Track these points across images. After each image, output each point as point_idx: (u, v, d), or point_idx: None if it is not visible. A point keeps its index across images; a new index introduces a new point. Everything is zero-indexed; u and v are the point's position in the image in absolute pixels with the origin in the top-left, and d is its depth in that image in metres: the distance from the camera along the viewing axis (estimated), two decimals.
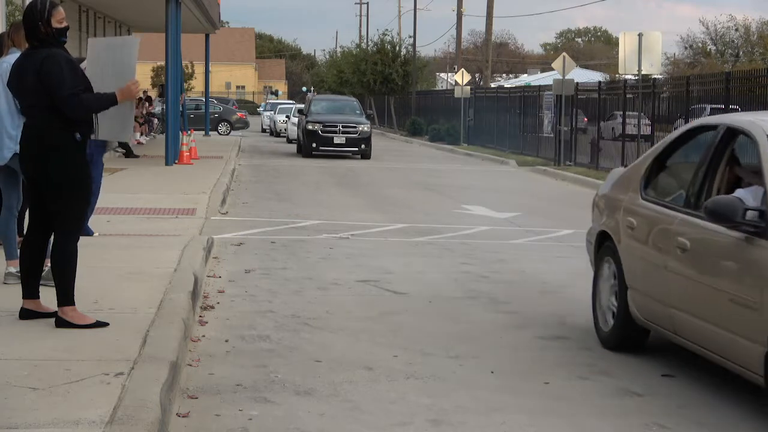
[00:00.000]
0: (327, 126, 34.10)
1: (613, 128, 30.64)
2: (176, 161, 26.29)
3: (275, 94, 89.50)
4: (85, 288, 8.13)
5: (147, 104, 38.98)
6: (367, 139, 34.43)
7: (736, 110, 22.88)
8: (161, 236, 12.72)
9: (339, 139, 34.01)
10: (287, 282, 10.63)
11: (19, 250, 7.98)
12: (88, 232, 11.60)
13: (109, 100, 7.32)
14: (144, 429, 5.11)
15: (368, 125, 34.96)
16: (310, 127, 34.30)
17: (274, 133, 52.15)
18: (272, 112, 55.04)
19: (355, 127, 34.34)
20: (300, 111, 37.56)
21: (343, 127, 34.16)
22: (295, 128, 43.17)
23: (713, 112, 24.90)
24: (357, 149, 34.35)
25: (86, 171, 7.38)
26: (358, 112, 36.47)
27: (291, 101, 68.55)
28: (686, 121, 24.33)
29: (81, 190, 7.33)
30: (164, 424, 5.51)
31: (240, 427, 5.83)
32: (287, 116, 47.31)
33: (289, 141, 44.22)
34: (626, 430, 6.06)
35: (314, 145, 34.08)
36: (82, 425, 5.12)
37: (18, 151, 7.64)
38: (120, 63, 7.61)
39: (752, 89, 22.63)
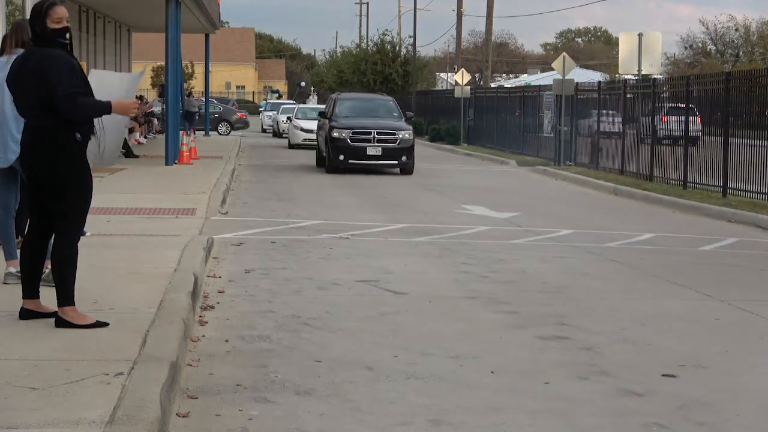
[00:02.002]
0: (358, 133, 26.93)
1: (589, 126, 31.66)
2: (176, 161, 26.30)
3: (276, 92, 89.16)
4: (85, 288, 8.13)
5: (144, 104, 38.99)
6: (409, 150, 27.11)
7: (735, 111, 22.90)
8: (161, 236, 12.72)
9: (373, 150, 26.79)
10: (287, 282, 10.62)
11: (19, 251, 7.98)
12: (82, 233, 11.59)
13: (104, 108, 7.29)
14: (144, 429, 5.11)
15: (410, 131, 27.50)
16: (335, 134, 26.99)
17: (277, 134, 51.16)
18: (275, 112, 54.34)
19: (393, 133, 27.00)
20: (321, 114, 30.09)
21: (378, 134, 26.91)
22: (298, 132, 40.15)
23: (671, 110, 25.47)
24: (396, 162, 27.02)
25: (86, 171, 7.38)
26: (395, 114, 29.13)
27: (291, 101, 68.38)
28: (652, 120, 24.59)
29: (81, 190, 7.32)
30: (164, 424, 5.51)
31: (240, 427, 5.83)
32: (288, 117, 44.49)
33: (291, 146, 40.92)
34: (626, 430, 6.06)
35: (341, 157, 26.81)
36: (82, 425, 5.12)
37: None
38: (123, 89, 7.72)
39: (752, 89, 22.62)
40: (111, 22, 37.48)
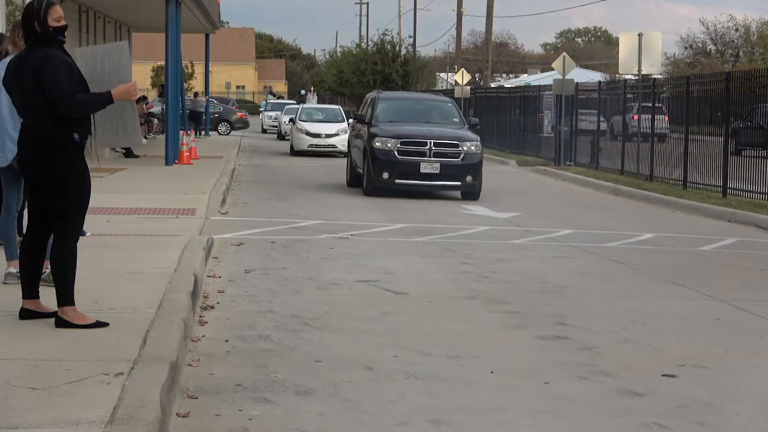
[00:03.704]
0: (408, 143, 20.64)
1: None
2: (176, 161, 26.29)
3: (273, 94, 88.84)
4: (85, 288, 8.13)
5: (145, 105, 38.96)
6: (475, 168, 20.75)
7: (735, 111, 22.94)
8: (161, 236, 12.72)
9: (429, 167, 20.47)
10: (287, 282, 10.62)
11: (18, 251, 7.97)
12: (82, 233, 11.59)
13: (105, 99, 7.30)
14: (144, 429, 5.11)
15: (477, 143, 21.22)
16: (377, 144, 20.65)
17: (281, 135, 48.17)
18: (278, 113, 52.02)
19: (455, 145, 20.72)
20: (357, 118, 23.62)
21: (435, 145, 20.62)
22: (303, 137, 35.84)
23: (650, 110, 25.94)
24: (459, 184, 20.79)
25: (85, 172, 7.37)
26: (456, 119, 22.75)
27: (291, 101, 68.21)
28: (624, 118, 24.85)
29: (80, 190, 7.32)
30: (164, 424, 5.51)
31: (240, 427, 5.83)
32: (291, 119, 39.25)
33: (294, 152, 36.27)
34: (626, 430, 6.06)
35: (386, 175, 20.53)
36: (82, 425, 5.12)
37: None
38: (114, 68, 7.61)
39: (752, 89, 22.64)
40: (111, 22, 37.47)
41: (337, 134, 35.55)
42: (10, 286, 8.63)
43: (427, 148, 20.59)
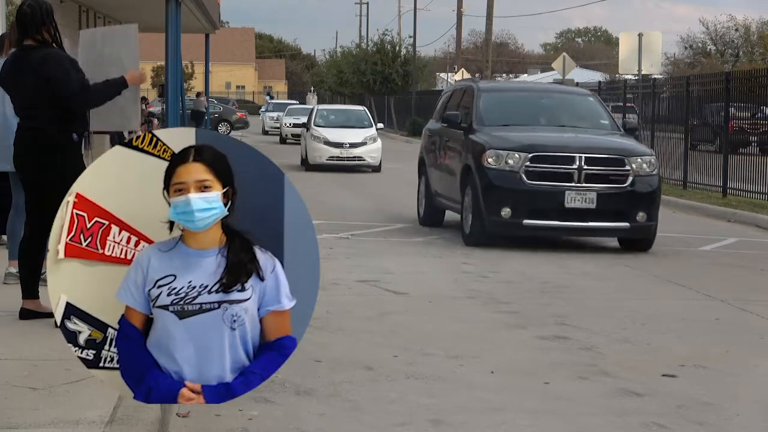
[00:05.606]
0: (544, 159, 13.34)
1: None
2: None
3: (271, 96, 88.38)
4: None
5: (145, 105, 38.99)
6: (651, 197, 13.54)
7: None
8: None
9: (579, 198, 13.18)
10: None
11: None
12: None
13: (118, 85, 7.29)
14: (144, 429, 5.11)
15: (651, 158, 13.79)
16: (491, 161, 13.41)
17: (282, 138, 46.14)
18: (280, 113, 50.53)
19: (620, 161, 13.41)
20: (448, 120, 15.00)
21: (587, 162, 13.22)
22: (321, 147, 28.79)
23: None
24: (627, 225, 13.36)
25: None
26: (604, 121, 14.96)
27: (292, 101, 68.07)
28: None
29: None
30: (164, 424, 5.51)
31: (240, 427, 5.83)
32: (304, 123, 33.71)
33: (308, 166, 29.17)
34: (626, 430, 6.06)
35: (506, 212, 13.26)
36: (82, 425, 5.12)
37: None
38: (117, 52, 7.59)
39: (752, 89, 22.65)
40: (111, 22, 37.50)
41: (364, 143, 28.84)
42: (10, 286, 8.63)
43: (575, 167, 13.20)
